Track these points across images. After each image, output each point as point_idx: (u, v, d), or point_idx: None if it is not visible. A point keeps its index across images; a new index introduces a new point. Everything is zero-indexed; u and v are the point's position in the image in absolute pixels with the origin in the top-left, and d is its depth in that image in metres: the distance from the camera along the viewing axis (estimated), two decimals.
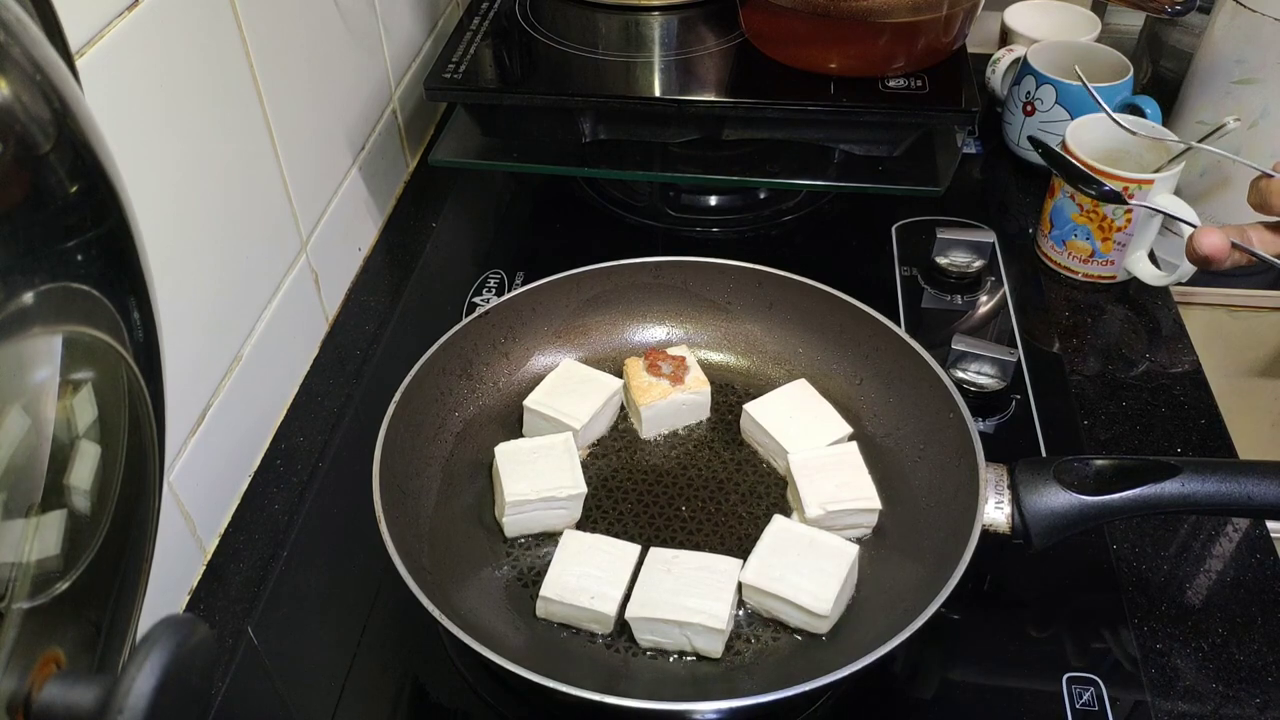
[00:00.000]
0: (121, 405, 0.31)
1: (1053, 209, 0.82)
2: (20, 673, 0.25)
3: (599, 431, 0.65)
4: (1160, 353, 0.77)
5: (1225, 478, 0.50)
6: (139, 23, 0.52)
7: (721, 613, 0.52)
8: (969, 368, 0.71)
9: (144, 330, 0.31)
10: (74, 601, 0.29)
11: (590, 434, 0.64)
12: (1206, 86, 0.88)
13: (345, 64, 0.80)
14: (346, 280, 0.84)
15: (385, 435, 0.57)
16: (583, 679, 0.46)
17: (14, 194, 0.25)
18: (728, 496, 0.62)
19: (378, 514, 0.53)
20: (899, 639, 0.47)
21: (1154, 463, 0.51)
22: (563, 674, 0.46)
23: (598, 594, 0.54)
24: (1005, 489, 0.52)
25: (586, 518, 0.61)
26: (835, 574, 0.53)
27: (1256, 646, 0.58)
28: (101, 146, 0.29)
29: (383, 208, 0.91)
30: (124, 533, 0.31)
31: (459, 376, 0.66)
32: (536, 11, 0.91)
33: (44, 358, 0.27)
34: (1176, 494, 0.50)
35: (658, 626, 0.53)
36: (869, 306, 0.66)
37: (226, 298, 0.65)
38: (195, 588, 0.62)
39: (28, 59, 0.26)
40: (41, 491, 0.27)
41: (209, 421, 0.63)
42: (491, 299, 0.71)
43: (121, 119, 0.52)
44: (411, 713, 0.57)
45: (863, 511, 0.57)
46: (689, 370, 0.66)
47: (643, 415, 0.65)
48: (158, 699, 0.24)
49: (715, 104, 0.79)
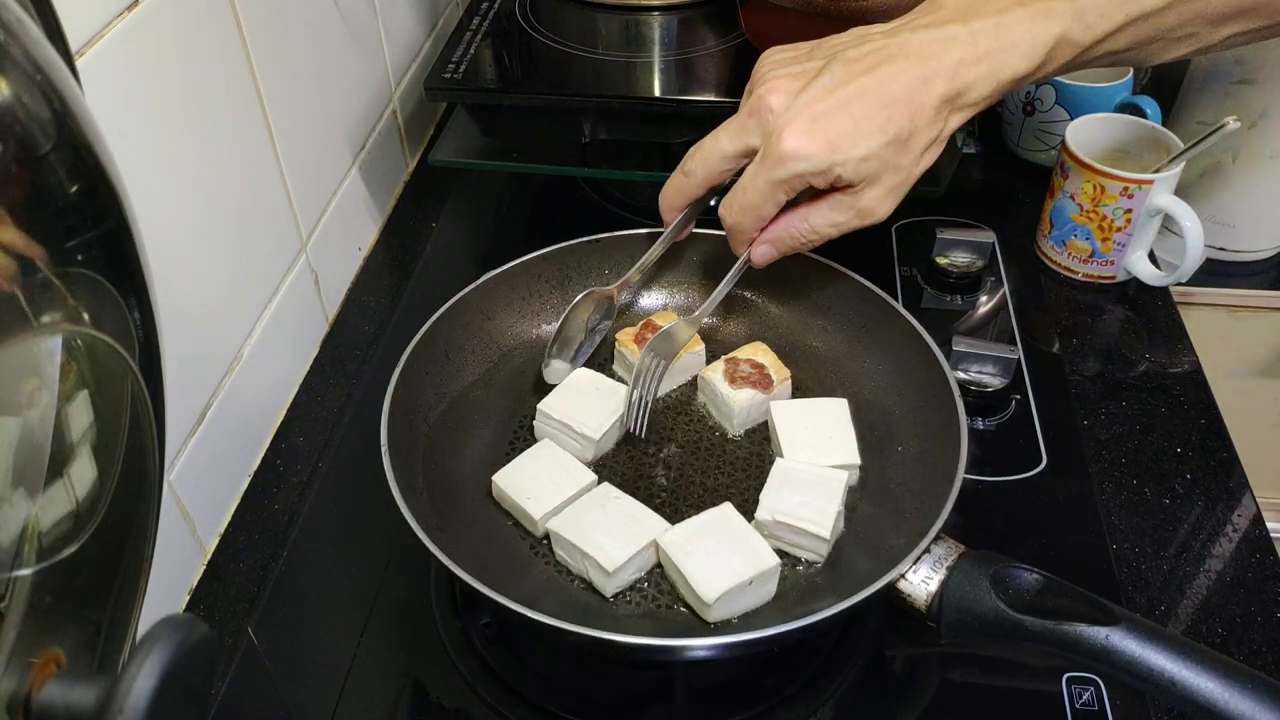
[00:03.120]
0: (122, 405, 0.31)
1: (1053, 209, 0.82)
2: (20, 673, 0.25)
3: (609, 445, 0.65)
4: (1160, 353, 0.77)
5: (1159, 650, 0.44)
6: (139, 23, 0.52)
7: (618, 556, 0.54)
8: (969, 368, 0.71)
9: (144, 330, 0.31)
10: (74, 601, 0.29)
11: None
12: (1206, 87, 0.88)
13: (345, 64, 0.80)
14: (346, 280, 0.84)
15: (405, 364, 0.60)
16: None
17: (14, 194, 0.25)
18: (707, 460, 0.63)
19: (383, 443, 0.55)
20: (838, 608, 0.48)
21: (1097, 604, 0.47)
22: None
23: (534, 498, 0.58)
24: (943, 568, 0.50)
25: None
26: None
27: (1256, 646, 0.58)
28: (101, 146, 0.29)
29: (383, 208, 0.91)
30: (124, 533, 0.31)
31: (487, 318, 0.67)
32: (536, 11, 0.92)
33: (44, 358, 0.27)
34: (1096, 646, 0.45)
35: (567, 546, 0.56)
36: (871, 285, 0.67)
37: (226, 298, 0.65)
38: (195, 588, 0.62)
39: (28, 59, 0.26)
40: (41, 491, 0.27)
41: (209, 421, 0.63)
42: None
43: (122, 119, 0.52)
44: (411, 713, 0.57)
45: (810, 535, 0.56)
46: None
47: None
48: (158, 699, 0.24)
49: (715, 104, 0.79)
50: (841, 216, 0.56)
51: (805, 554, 0.57)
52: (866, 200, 0.55)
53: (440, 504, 0.57)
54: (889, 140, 0.52)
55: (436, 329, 0.64)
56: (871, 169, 0.53)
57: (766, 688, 0.56)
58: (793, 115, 0.53)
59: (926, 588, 0.50)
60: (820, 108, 0.53)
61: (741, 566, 0.53)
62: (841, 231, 0.57)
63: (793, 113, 0.53)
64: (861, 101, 0.52)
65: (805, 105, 0.53)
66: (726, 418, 0.65)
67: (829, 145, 0.52)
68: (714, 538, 0.55)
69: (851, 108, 0.52)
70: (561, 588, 0.56)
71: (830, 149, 0.52)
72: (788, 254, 0.60)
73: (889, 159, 0.53)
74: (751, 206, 0.57)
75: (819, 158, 0.53)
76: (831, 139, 0.52)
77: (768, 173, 0.54)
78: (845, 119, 0.52)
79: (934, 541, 0.51)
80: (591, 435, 0.61)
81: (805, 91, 0.54)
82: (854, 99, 0.52)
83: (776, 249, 0.60)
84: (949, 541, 0.52)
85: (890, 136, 0.52)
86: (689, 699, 0.57)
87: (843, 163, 0.53)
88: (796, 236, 0.58)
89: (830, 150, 0.52)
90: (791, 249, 0.60)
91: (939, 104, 0.52)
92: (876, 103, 0.52)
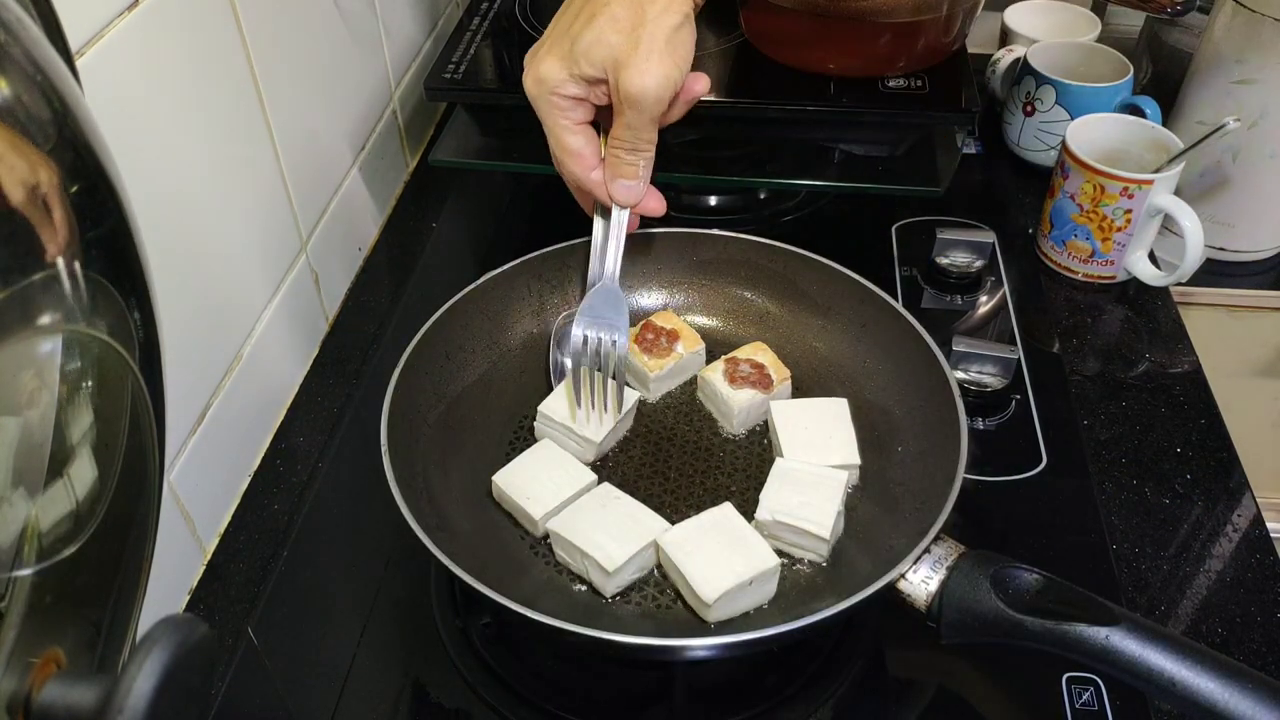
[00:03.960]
0: (122, 405, 0.31)
1: (1053, 209, 0.82)
2: (20, 673, 0.25)
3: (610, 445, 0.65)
4: (1160, 353, 0.77)
5: (1159, 650, 0.44)
6: (139, 23, 0.52)
7: (618, 556, 0.54)
8: (969, 368, 0.71)
9: (144, 330, 0.32)
10: (74, 601, 0.29)
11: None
12: (1206, 87, 0.88)
13: (345, 64, 0.80)
14: (346, 280, 0.84)
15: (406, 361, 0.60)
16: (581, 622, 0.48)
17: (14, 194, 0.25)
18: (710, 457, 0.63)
19: (383, 441, 0.55)
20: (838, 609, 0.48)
21: (1097, 604, 0.47)
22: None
23: (534, 498, 0.58)
24: (943, 568, 0.51)
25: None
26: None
27: (1256, 646, 0.58)
28: (101, 146, 0.29)
29: (383, 208, 0.91)
30: (124, 533, 0.31)
31: (488, 318, 0.67)
32: (536, 11, 0.91)
33: (44, 358, 0.27)
34: (1096, 646, 0.45)
35: (567, 546, 0.56)
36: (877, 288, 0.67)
37: (226, 298, 0.65)
38: (195, 588, 0.62)
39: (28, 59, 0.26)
40: (41, 491, 0.27)
41: (209, 421, 0.63)
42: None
43: (121, 119, 0.52)
44: (411, 713, 0.57)
45: (810, 535, 0.56)
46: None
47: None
48: (158, 699, 0.24)
49: (715, 104, 0.79)
50: (622, 119, 0.57)
51: (805, 554, 0.57)
52: (625, 84, 0.55)
53: (440, 504, 0.57)
54: (617, 45, 0.54)
55: (436, 329, 0.64)
56: (602, 53, 0.54)
57: (766, 688, 0.56)
58: (547, 47, 0.57)
59: (926, 588, 0.50)
60: (567, 36, 0.56)
61: (741, 566, 0.53)
62: (638, 134, 0.57)
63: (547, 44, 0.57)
64: (596, 24, 0.54)
65: (559, 35, 0.56)
66: (726, 418, 0.65)
67: (569, 59, 0.55)
68: (714, 538, 0.55)
69: (585, 29, 0.54)
70: (561, 588, 0.56)
71: (570, 62, 0.55)
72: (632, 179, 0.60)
73: (628, 59, 0.54)
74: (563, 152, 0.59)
75: (553, 74, 0.55)
76: (569, 50, 0.55)
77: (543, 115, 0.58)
78: (587, 33, 0.54)
79: (934, 541, 0.51)
80: (593, 438, 0.61)
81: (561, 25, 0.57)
82: (583, 24, 0.55)
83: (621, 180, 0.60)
84: (949, 541, 0.52)
85: (617, 38, 0.54)
86: (689, 699, 0.57)
87: (574, 61, 0.55)
88: (617, 159, 0.59)
89: (570, 64, 0.55)
90: (629, 174, 0.59)
91: (659, 14, 0.54)
92: (607, 23, 0.54)
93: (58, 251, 0.27)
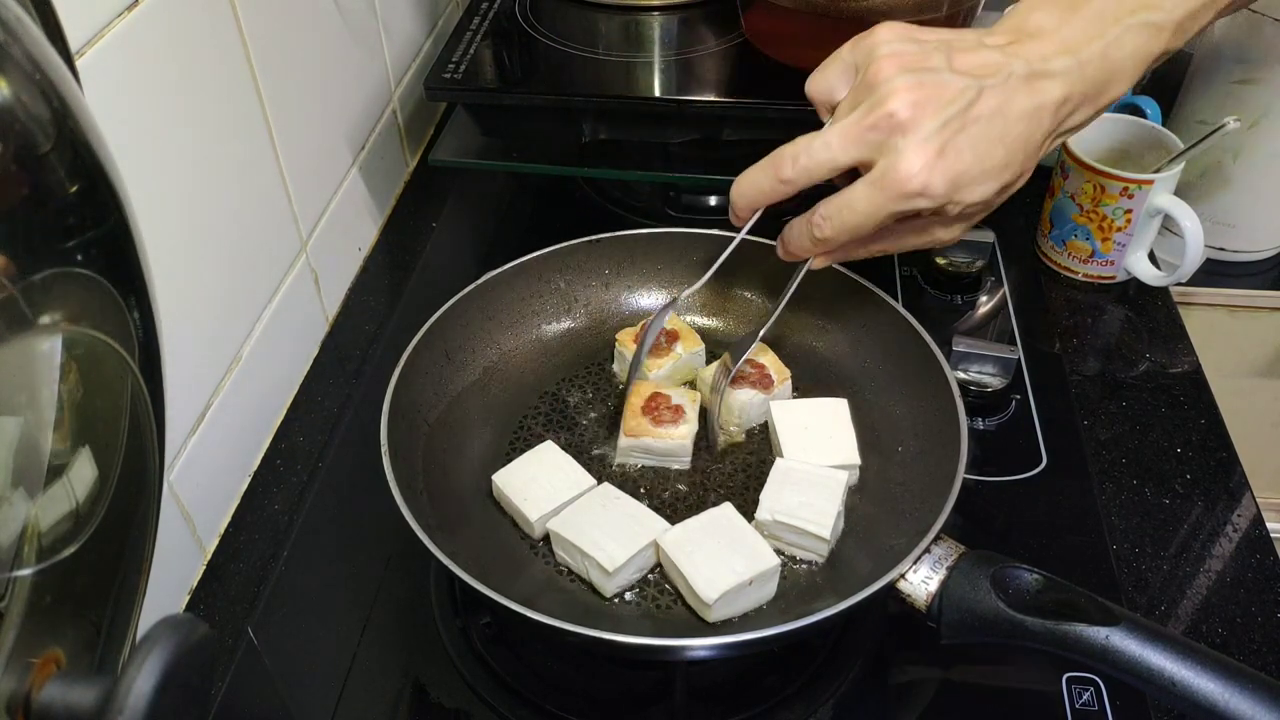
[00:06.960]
0: (122, 405, 0.31)
1: (1053, 209, 0.82)
2: (20, 673, 0.25)
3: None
4: (1160, 353, 0.77)
5: (1160, 650, 0.44)
6: (139, 23, 0.52)
7: (618, 556, 0.54)
8: (969, 368, 0.71)
9: (144, 330, 0.31)
10: (74, 601, 0.29)
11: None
12: (1206, 86, 0.88)
13: (345, 64, 0.80)
14: (346, 280, 0.84)
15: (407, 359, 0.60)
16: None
17: (14, 193, 0.25)
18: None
19: (383, 443, 0.55)
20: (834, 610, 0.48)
21: (1097, 604, 0.46)
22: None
23: (532, 500, 0.58)
24: (943, 568, 0.50)
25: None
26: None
27: (1256, 646, 0.58)
28: (101, 146, 0.29)
29: (383, 208, 0.91)
30: (124, 533, 0.31)
31: (488, 318, 0.67)
32: (536, 11, 0.91)
33: (44, 358, 0.27)
34: (1096, 646, 0.45)
35: (567, 546, 0.56)
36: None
37: (226, 298, 0.65)
38: (195, 588, 0.62)
39: (28, 59, 0.26)
40: (41, 491, 0.27)
41: (209, 421, 0.63)
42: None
43: (121, 119, 0.52)
44: (411, 713, 0.57)
45: (810, 535, 0.56)
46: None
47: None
48: (158, 699, 0.24)
49: (715, 104, 0.79)
50: (917, 241, 0.55)
51: (805, 554, 0.57)
52: (950, 233, 0.53)
53: (440, 504, 0.57)
54: (1001, 186, 0.50)
55: (436, 329, 0.64)
56: (976, 210, 0.52)
57: (766, 688, 0.56)
58: (920, 141, 0.48)
59: (926, 588, 0.50)
60: (946, 135, 0.48)
61: (741, 567, 0.53)
62: (902, 250, 0.56)
63: (920, 137, 0.48)
64: (985, 134, 0.49)
65: (934, 131, 0.48)
66: (726, 418, 0.65)
67: (952, 184, 0.49)
68: (714, 538, 0.55)
69: (976, 143, 0.49)
70: (561, 588, 0.56)
71: (952, 188, 0.49)
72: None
73: (993, 202, 0.51)
74: (855, 229, 0.52)
75: (941, 197, 0.49)
76: (955, 177, 0.49)
77: (885, 201, 0.50)
78: (970, 155, 0.49)
79: (934, 541, 0.51)
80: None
81: (931, 110, 0.49)
82: (978, 131, 0.49)
83: (839, 259, 0.58)
84: (949, 541, 0.52)
85: (1003, 183, 0.50)
86: (689, 699, 0.57)
87: (958, 202, 0.50)
88: (869, 253, 0.56)
89: (952, 189, 0.49)
90: (853, 259, 0.58)
91: (1042, 141, 0.50)
92: (997, 138, 0.49)
93: (57, 251, 0.27)
